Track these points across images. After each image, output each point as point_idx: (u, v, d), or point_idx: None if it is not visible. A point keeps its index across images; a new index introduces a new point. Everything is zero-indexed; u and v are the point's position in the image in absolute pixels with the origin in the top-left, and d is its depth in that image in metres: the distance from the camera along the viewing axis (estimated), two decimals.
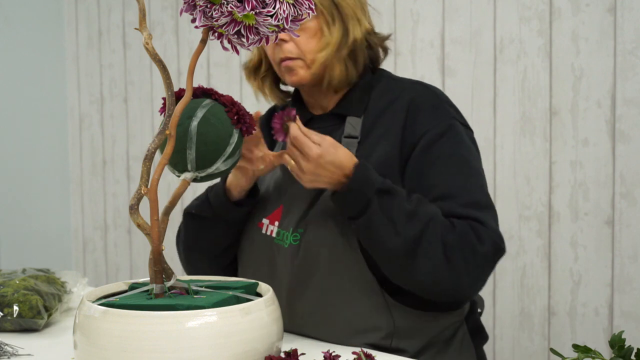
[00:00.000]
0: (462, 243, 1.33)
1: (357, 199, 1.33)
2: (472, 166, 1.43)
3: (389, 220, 1.32)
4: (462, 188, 1.40)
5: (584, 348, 1.03)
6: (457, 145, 1.42)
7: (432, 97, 1.47)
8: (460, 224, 1.35)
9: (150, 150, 1.16)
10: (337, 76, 1.46)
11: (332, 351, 1.16)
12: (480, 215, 1.38)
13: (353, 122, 1.47)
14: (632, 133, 2.00)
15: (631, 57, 1.99)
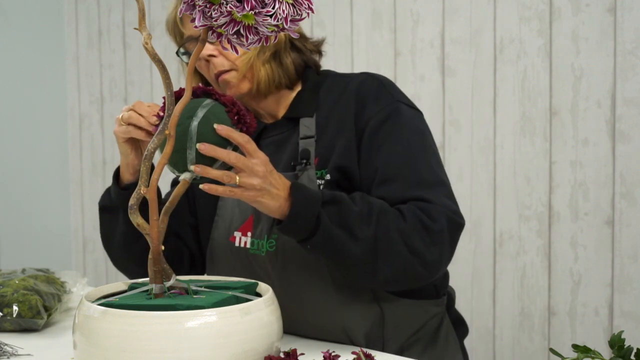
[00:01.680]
0: (415, 227, 1.32)
1: (307, 219, 1.27)
2: (417, 145, 1.42)
3: (343, 228, 1.29)
4: (407, 168, 1.39)
5: (583, 348, 1.03)
6: (401, 126, 1.43)
7: (376, 83, 1.48)
8: (407, 209, 1.34)
9: (150, 150, 1.16)
10: (263, 78, 1.47)
11: (331, 351, 1.16)
12: (427, 193, 1.36)
13: (306, 123, 1.47)
14: (632, 133, 2.00)
15: (631, 57, 1.99)
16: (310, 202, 1.28)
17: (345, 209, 1.30)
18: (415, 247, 1.31)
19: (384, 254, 1.30)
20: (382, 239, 1.30)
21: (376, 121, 1.42)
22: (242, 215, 1.49)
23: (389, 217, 1.31)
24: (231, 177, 1.22)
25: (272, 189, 1.24)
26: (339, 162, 1.41)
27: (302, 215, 1.27)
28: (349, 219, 1.29)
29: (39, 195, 3.61)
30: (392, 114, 1.43)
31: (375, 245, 1.29)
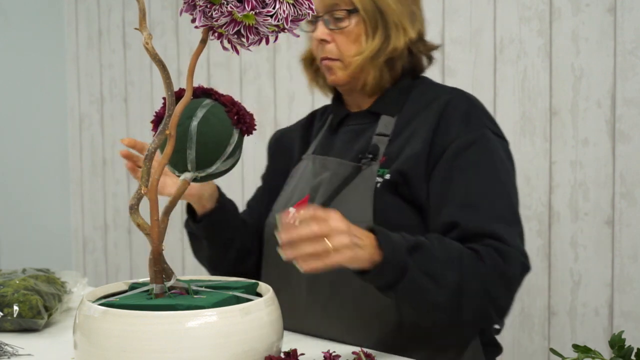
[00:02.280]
0: (494, 273, 1.30)
1: (395, 267, 1.24)
2: (499, 178, 1.40)
3: (428, 276, 1.26)
4: (486, 199, 1.37)
5: (584, 348, 1.03)
6: (486, 154, 1.40)
7: (467, 103, 1.45)
8: (484, 251, 1.31)
9: (151, 150, 1.16)
10: (371, 81, 1.48)
11: (332, 351, 1.16)
12: (504, 231, 1.34)
13: (386, 121, 1.47)
14: (632, 133, 2.00)
15: (631, 57, 1.99)
16: (397, 250, 1.24)
17: (429, 255, 1.27)
18: (492, 293, 1.30)
19: (466, 300, 1.29)
20: (465, 286, 1.28)
21: (461, 144, 1.39)
22: (300, 193, 1.51)
23: (469, 263, 1.29)
24: (324, 245, 1.16)
25: (359, 241, 1.21)
26: (403, 168, 1.40)
27: (392, 264, 1.24)
28: (433, 265, 1.27)
29: (39, 195, 3.61)
30: (479, 140, 1.40)
31: (459, 291, 1.28)
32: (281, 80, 2.77)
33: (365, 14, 1.45)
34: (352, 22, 1.46)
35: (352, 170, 1.45)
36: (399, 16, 1.45)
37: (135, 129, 3.37)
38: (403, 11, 1.46)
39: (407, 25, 1.46)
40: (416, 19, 1.49)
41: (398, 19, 1.45)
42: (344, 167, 1.46)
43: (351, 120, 1.54)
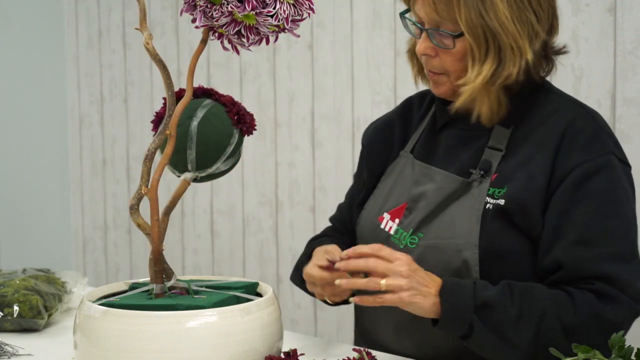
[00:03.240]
0: (589, 323, 1.21)
1: (459, 325, 1.21)
2: (621, 212, 1.27)
3: (498, 335, 1.21)
4: (606, 234, 1.25)
5: (584, 348, 1.03)
6: (610, 184, 1.27)
7: (592, 124, 1.31)
8: (582, 300, 1.22)
9: (151, 150, 1.16)
10: (486, 112, 1.31)
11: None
12: (618, 271, 1.23)
13: (500, 133, 1.33)
14: (632, 133, 2.00)
15: (631, 57, 1.99)
16: (462, 307, 1.21)
17: (501, 313, 1.21)
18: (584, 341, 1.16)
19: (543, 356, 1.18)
20: (542, 343, 1.19)
21: (583, 171, 1.26)
22: (397, 199, 1.41)
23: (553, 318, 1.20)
24: (375, 282, 1.19)
25: (421, 287, 1.20)
26: (520, 196, 1.28)
27: (454, 320, 1.21)
28: (504, 325, 1.21)
29: (39, 195, 3.61)
30: (603, 168, 1.27)
31: (535, 349, 1.21)
32: (281, 80, 2.77)
33: (472, 36, 1.26)
34: (456, 44, 1.29)
35: (459, 186, 1.33)
36: (513, 35, 1.25)
37: (135, 129, 3.37)
38: (521, 30, 1.26)
39: (525, 47, 1.27)
40: (538, 34, 1.28)
41: (514, 41, 1.26)
42: (451, 181, 1.34)
43: (458, 124, 1.38)
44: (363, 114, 2.52)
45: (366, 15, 2.51)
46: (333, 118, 2.61)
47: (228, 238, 2.98)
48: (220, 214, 2.98)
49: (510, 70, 1.27)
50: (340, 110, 2.59)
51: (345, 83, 2.57)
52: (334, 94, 2.60)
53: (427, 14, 1.29)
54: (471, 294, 1.22)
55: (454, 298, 1.21)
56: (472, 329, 1.21)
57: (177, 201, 1.23)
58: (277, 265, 2.80)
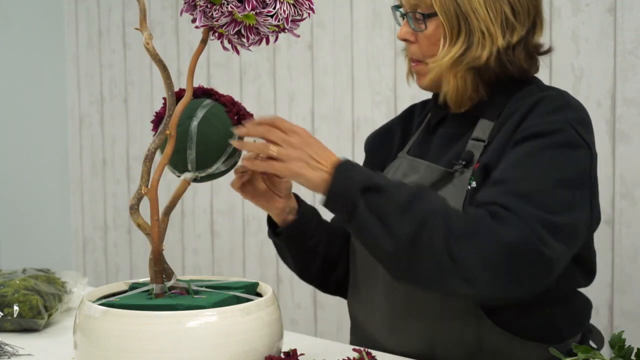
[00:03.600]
0: (473, 232, 1.16)
1: (344, 203, 1.21)
2: (548, 173, 1.23)
3: (380, 220, 1.18)
4: (519, 178, 1.22)
5: (584, 348, 1.03)
6: (552, 148, 1.25)
7: (561, 101, 1.31)
8: (475, 212, 1.20)
9: (151, 150, 1.16)
10: (451, 91, 1.35)
11: None
12: (517, 205, 1.18)
13: (484, 125, 1.35)
14: (632, 133, 2.00)
15: (631, 57, 1.99)
16: (350, 185, 1.20)
17: (387, 198, 1.19)
18: (463, 255, 1.15)
19: (421, 257, 1.17)
20: (423, 240, 1.16)
21: (532, 132, 1.26)
22: None
23: (440, 217, 1.17)
24: (266, 146, 1.22)
25: (310, 160, 1.21)
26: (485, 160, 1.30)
27: (340, 198, 1.21)
28: (388, 210, 1.18)
29: (39, 195, 3.61)
30: (555, 132, 1.25)
31: (413, 244, 1.17)
32: (281, 80, 2.77)
33: (445, 18, 1.31)
34: (430, 25, 1.34)
35: (441, 176, 1.34)
36: (486, 22, 1.30)
37: (135, 128, 3.37)
38: (494, 18, 1.30)
39: (497, 33, 1.30)
40: (515, 27, 1.32)
41: (485, 26, 1.30)
42: (433, 171, 1.36)
43: (449, 122, 1.42)
44: (363, 114, 2.52)
45: (366, 15, 2.51)
46: (333, 118, 2.61)
47: (228, 238, 2.98)
48: (220, 214, 2.98)
49: (479, 53, 1.31)
50: (340, 110, 2.59)
51: (345, 83, 2.57)
52: (334, 94, 2.60)
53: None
54: (364, 176, 1.21)
55: (344, 177, 1.21)
56: (356, 209, 1.20)
57: (177, 201, 1.23)
58: (277, 265, 2.80)
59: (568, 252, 1.23)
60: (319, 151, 1.23)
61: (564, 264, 1.25)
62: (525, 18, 1.34)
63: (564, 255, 1.22)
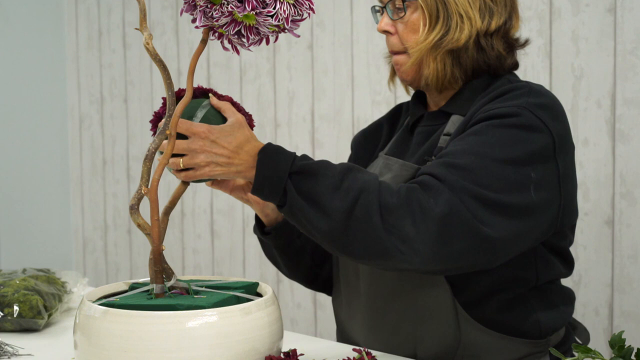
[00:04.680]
0: (406, 203, 1.16)
1: (272, 188, 1.21)
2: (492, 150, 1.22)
3: (311, 202, 1.19)
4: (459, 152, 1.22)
5: (584, 348, 1.03)
6: (501, 127, 1.24)
7: (524, 90, 1.31)
8: (408, 184, 1.20)
9: (151, 150, 1.16)
10: (431, 74, 1.36)
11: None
12: (445, 173, 1.19)
13: (455, 120, 1.37)
14: (632, 133, 2.00)
15: (631, 57, 1.99)
16: (276, 172, 1.20)
17: (317, 180, 1.20)
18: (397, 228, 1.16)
19: (356, 232, 1.17)
20: (356, 215, 1.17)
21: (486, 115, 1.27)
22: None
23: (372, 193, 1.17)
24: (175, 162, 1.22)
25: (219, 159, 1.22)
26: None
27: (268, 185, 1.21)
28: (318, 191, 1.19)
29: (39, 195, 3.61)
30: (511, 114, 1.25)
31: (347, 221, 1.17)
32: (281, 80, 2.77)
33: (425, 3, 1.34)
34: (410, 11, 1.36)
35: (414, 173, 1.34)
36: (464, 6, 1.33)
37: (135, 128, 3.37)
38: (473, 1, 1.34)
39: (475, 17, 1.34)
40: (493, 12, 1.35)
41: (463, 9, 1.33)
42: (406, 169, 1.37)
43: (425, 121, 1.44)
44: (363, 114, 2.52)
45: (366, 15, 2.51)
46: (333, 118, 2.61)
47: (228, 238, 2.98)
48: (220, 214, 2.98)
49: (457, 36, 1.33)
50: (340, 110, 2.59)
51: (345, 83, 2.57)
52: (334, 94, 2.60)
53: None
54: (290, 160, 1.21)
55: (269, 163, 1.21)
56: (286, 194, 1.20)
57: (177, 201, 1.23)
58: None
59: (515, 232, 1.21)
60: (226, 145, 1.22)
61: (517, 244, 1.24)
62: (502, 8, 1.37)
63: (509, 235, 1.20)
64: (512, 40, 1.40)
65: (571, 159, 1.33)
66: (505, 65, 1.39)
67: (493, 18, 1.36)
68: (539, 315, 1.34)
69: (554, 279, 1.39)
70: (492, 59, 1.37)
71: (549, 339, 1.35)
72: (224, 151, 1.22)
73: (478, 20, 1.34)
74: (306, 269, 1.53)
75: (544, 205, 1.25)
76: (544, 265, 1.34)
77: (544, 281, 1.36)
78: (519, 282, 1.33)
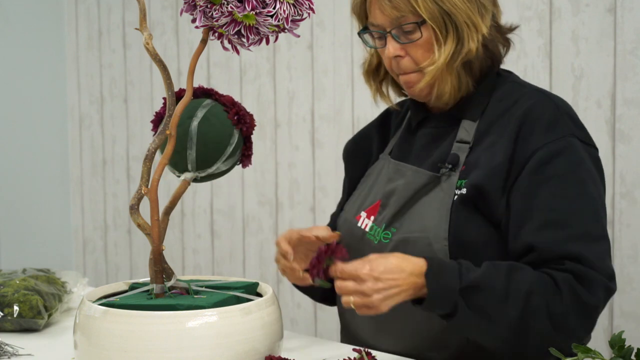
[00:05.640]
0: (572, 307, 1.23)
1: (443, 304, 1.23)
2: (586, 192, 1.29)
3: (483, 315, 1.22)
4: (572, 215, 1.27)
5: (584, 348, 1.03)
6: (573, 165, 1.29)
7: (552, 108, 1.34)
8: (563, 281, 1.23)
9: (151, 150, 1.16)
10: (450, 90, 1.38)
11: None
12: (587, 251, 1.25)
13: (467, 126, 1.37)
14: (632, 133, 2.00)
15: (631, 57, 1.99)
16: (446, 291, 1.23)
17: (486, 293, 1.23)
18: (568, 328, 1.24)
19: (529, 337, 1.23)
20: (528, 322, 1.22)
21: (544, 154, 1.29)
22: (373, 197, 1.45)
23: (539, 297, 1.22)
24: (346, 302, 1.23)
25: (390, 290, 1.22)
26: (480, 182, 1.31)
27: (439, 302, 1.23)
28: (489, 304, 1.22)
29: (39, 195, 3.61)
30: (565, 150, 1.30)
31: (519, 328, 1.23)
32: (281, 80, 2.77)
33: (434, 21, 1.34)
34: (422, 33, 1.35)
35: (429, 180, 1.36)
36: (466, 13, 1.34)
37: (135, 129, 3.37)
38: (471, 7, 1.35)
39: (479, 22, 1.35)
40: (486, 10, 1.37)
41: (468, 18, 1.34)
42: (420, 175, 1.38)
43: (431, 122, 1.44)
44: (363, 114, 2.52)
45: None
46: (333, 118, 2.61)
47: (228, 238, 2.98)
48: (220, 214, 2.98)
49: (469, 46, 1.34)
50: (340, 110, 2.59)
51: (345, 83, 2.57)
52: (334, 94, 2.60)
53: (388, 15, 1.36)
54: (456, 277, 1.23)
55: (439, 280, 1.23)
56: (456, 310, 1.22)
57: (177, 201, 1.23)
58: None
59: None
60: (392, 276, 1.23)
61: None
62: (488, 1, 1.39)
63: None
64: (504, 29, 1.43)
65: None
66: (502, 54, 1.42)
67: (487, 13, 1.38)
68: None
69: None
70: (496, 54, 1.40)
71: None
72: (392, 282, 1.22)
73: (482, 25, 1.35)
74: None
75: None
76: None
77: None
78: None
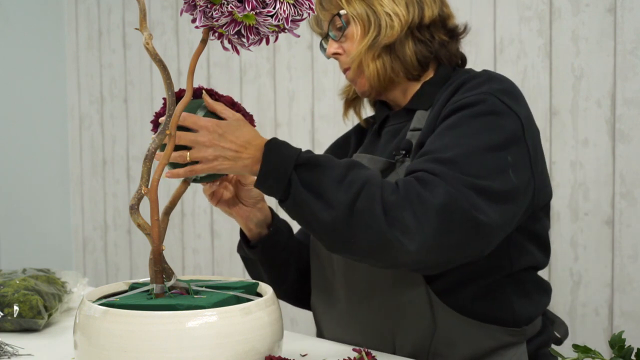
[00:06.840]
0: (405, 198, 1.18)
1: (276, 180, 1.22)
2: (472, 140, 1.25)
3: (316, 195, 1.20)
4: (444, 146, 1.25)
5: (584, 348, 1.03)
6: (474, 116, 1.28)
7: (485, 77, 1.36)
8: (404, 179, 1.22)
9: (151, 150, 1.16)
10: (373, 73, 1.42)
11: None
12: (438, 169, 1.21)
13: (420, 115, 1.41)
14: (632, 133, 2.00)
15: (631, 57, 1.99)
16: (281, 164, 1.22)
17: (321, 173, 1.21)
18: (400, 221, 1.17)
19: (359, 225, 1.18)
20: (359, 209, 1.18)
21: (455, 106, 1.31)
22: None
23: (374, 187, 1.19)
24: (182, 155, 1.22)
25: (227, 152, 1.22)
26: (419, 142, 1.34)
27: (273, 177, 1.22)
28: (323, 184, 1.20)
29: (39, 195, 3.61)
30: (478, 102, 1.29)
31: (349, 214, 1.18)
32: (281, 80, 2.77)
33: (355, 13, 1.41)
34: (349, 25, 1.42)
35: (384, 166, 1.39)
36: (390, 6, 1.40)
37: (135, 128, 3.37)
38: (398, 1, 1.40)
39: (402, 12, 1.40)
40: (423, 6, 1.41)
41: (390, 8, 1.40)
42: (376, 163, 1.41)
43: (390, 121, 1.49)
44: (363, 114, 2.52)
45: None
46: (333, 118, 2.61)
47: (228, 238, 2.98)
48: (220, 214, 2.98)
49: (389, 32, 1.40)
50: (340, 111, 2.59)
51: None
52: (334, 94, 2.60)
53: (322, 17, 1.46)
54: (296, 153, 1.23)
55: (275, 155, 1.22)
56: (290, 186, 1.21)
57: (177, 201, 1.23)
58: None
59: (506, 217, 1.24)
60: (234, 139, 1.23)
61: (505, 229, 1.26)
62: (431, 1, 1.43)
63: (501, 220, 1.23)
64: (452, 28, 1.46)
65: (538, 140, 1.36)
66: (452, 50, 1.45)
67: (424, 11, 1.42)
68: (513, 302, 1.36)
69: (530, 267, 1.40)
70: (436, 47, 1.43)
71: (524, 328, 1.36)
72: (232, 145, 1.23)
73: (405, 15, 1.40)
74: (292, 284, 1.54)
75: (523, 187, 1.28)
76: (518, 252, 1.36)
77: (519, 269, 1.38)
78: (493, 270, 1.34)
